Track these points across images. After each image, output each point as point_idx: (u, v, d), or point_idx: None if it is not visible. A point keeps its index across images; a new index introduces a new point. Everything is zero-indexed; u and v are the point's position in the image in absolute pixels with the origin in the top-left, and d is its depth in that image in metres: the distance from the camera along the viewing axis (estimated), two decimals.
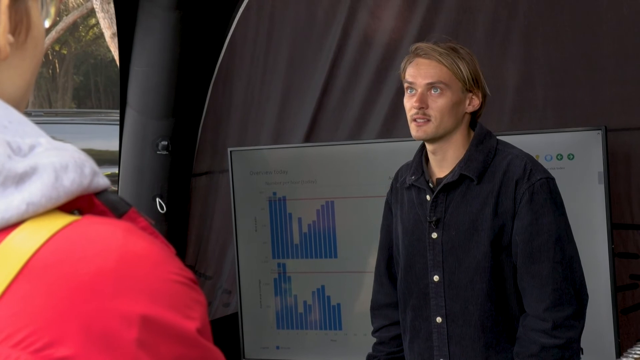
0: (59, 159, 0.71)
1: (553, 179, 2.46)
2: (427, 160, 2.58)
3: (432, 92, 2.46)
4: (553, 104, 3.83)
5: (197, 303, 0.71)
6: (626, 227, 3.71)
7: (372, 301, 2.80)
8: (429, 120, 2.45)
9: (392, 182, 2.72)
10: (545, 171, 2.47)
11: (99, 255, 0.68)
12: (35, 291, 0.66)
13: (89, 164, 0.72)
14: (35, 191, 0.69)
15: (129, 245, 0.69)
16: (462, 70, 2.46)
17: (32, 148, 0.72)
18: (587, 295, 2.49)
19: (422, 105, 2.45)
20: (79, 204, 0.73)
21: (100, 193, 0.74)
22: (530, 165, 2.44)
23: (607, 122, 3.54)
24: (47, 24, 0.81)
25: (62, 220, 0.70)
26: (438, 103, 2.45)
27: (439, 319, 2.51)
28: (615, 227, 3.55)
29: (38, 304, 0.66)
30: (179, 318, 0.69)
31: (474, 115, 2.55)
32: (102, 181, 0.73)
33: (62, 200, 0.70)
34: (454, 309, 2.48)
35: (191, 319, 0.69)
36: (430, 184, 2.53)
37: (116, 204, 0.74)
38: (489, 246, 2.43)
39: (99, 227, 0.70)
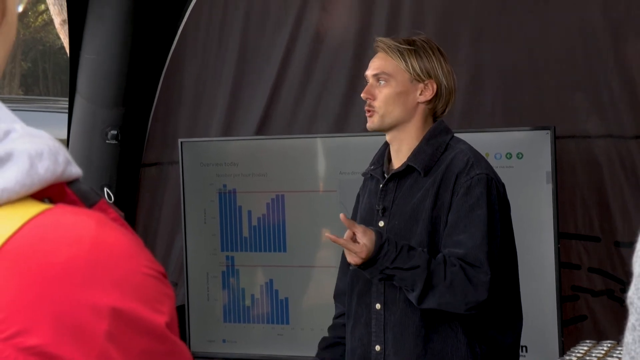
0: (34, 146, 0.70)
1: (494, 177, 2.46)
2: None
3: (379, 83, 2.53)
4: (501, 108, 3.84)
5: (166, 297, 0.71)
6: (570, 237, 3.70)
7: (335, 289, 2.81)
8: (376, 112, 2.51)
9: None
10: (487, 167, 2.48)
11: (71, 244, 0.67)
12: (7, 279, 0.66)
13: (63, 152, 0.72)
14: (9, 177, 0.68)
15: (102, 235, 0.69)
16: (408, 61, 2.51)
17: (7, 134, 0.71)
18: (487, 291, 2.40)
19: (368, 97, 2.53)
20: (50, 193, 0.72)
21: (71, 182, 0.73)
22: (473, 160, 2.46)
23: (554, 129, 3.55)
24: (20, 8, 0.81)
25: (35, 208, 0.69)
26: (383, 93, 2.52)
27: (378, 306, 2.53)
28: (560, 236, 3.49)
29: (9, 292, 0.65)
30: (148, 312, 0.68)
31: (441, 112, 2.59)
32: (75, 170, 0.73)
33: (36, 187, 0.70)
34: (392, 296, 2.50)
35: (160, 313, 0.69)
36: (385, 175, 2.55)
37: (87, 194, 0.74)
38: (426, 236, 2.45)
39: (71, 216, 0.69)
